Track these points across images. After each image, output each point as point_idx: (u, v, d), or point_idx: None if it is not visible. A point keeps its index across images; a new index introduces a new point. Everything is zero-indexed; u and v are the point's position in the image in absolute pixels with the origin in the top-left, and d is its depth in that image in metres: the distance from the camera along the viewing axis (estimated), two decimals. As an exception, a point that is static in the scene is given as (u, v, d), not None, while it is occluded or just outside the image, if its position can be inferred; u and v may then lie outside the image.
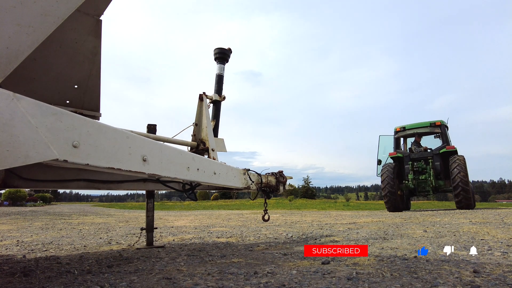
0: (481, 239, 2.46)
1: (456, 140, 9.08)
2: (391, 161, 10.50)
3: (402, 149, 11.18)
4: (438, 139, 10.28)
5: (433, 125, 10.18)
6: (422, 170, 9.90)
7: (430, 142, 10.63)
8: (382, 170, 9.83)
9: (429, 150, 10.12)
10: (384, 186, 9.52)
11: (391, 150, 10.83)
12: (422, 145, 10.49)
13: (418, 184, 9.91)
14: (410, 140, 11.19)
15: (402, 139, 11.61)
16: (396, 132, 10.96)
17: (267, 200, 2.89)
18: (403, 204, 10.11)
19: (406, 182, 9.84)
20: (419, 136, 10.68)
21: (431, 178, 9.57)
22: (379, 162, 10.76)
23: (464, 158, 8.94)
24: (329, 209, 14.10)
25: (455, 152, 9.50)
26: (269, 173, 2.72)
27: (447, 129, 10.42)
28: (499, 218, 4.62)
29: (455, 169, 8.70)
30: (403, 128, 10.69)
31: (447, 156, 9.44)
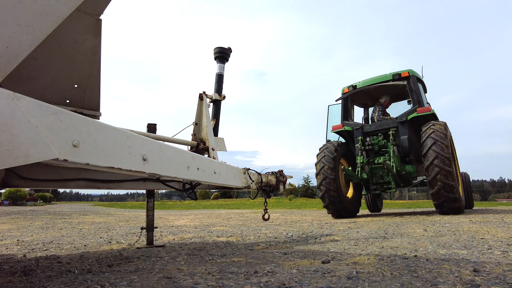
0: (481, 238, 2.47)
1: (456, 139, 6.36)
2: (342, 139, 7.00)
3: (361, 122, 7.47)
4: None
5: (397, 77, 6.27)
6: (379, 150, 6.16)
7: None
8: (318, 153, 6.23)
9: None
10: (319, 178, 5.91)
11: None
12: (390, 114, 6.81)
13: (372, 172, 6.10)
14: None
15: (363, 109, 7.99)
16: (343, 94, 6.92)
17: (267, 199, 2.89)
18: (357, 205, 6.54)
19: (349, 169, 6.00)
20: (382, 100, 6.84)
21: (392, 162, 5.77)
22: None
23: (445, 126, 5.40)
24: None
25: (433, 117, 5.91)
26: (269, 173, 2.72)
27: (423, 87, 6.67)
28: (499, 217, 4.62)
29: (430, 145, 5.14)
30: (354, 87, 6.79)
31: (420, 126, 5.78)
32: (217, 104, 2.84)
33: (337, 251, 2.10)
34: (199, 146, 2.47)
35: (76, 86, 1.78)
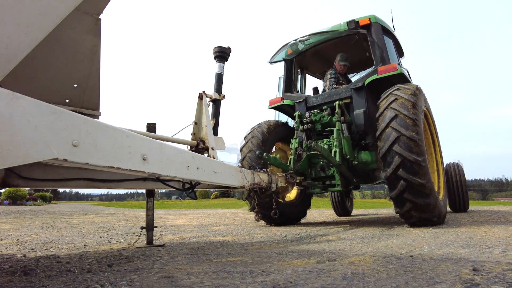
0: (480, 238, 2.47)
1: (456, 139, 5.29)
2: (287, 117, 5.20)
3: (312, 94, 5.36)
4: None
5: (353, 26, 4.24)
6: (323, 130, 4.23)
7: None
8: (245, 136, 4.64)
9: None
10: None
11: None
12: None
13: (310, 162, 4.10)
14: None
15: (326, 79, 5.28)
16: (286, 55, 4.98)
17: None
18: (302, 207, 4.81)
19: (276, 157, 3.85)
20: (336, 62, 4.86)
21: (336, 147, 3.81)
22: None
23: (416, 91, 3.50)
24: (324, 207, 14.07)
25: (401, 78, 3.95)
26: (260, 170, 2.72)
27: (395, 44, 4.68)
28: (498, 217, 4.63)
29: (388, 120, 3.31)
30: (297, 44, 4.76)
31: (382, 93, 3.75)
32: (216, 103, 2.85)
33: (332, 251, 2.10)
34: (199, 146, 2.47)
35: (75, 85, 1.78)
